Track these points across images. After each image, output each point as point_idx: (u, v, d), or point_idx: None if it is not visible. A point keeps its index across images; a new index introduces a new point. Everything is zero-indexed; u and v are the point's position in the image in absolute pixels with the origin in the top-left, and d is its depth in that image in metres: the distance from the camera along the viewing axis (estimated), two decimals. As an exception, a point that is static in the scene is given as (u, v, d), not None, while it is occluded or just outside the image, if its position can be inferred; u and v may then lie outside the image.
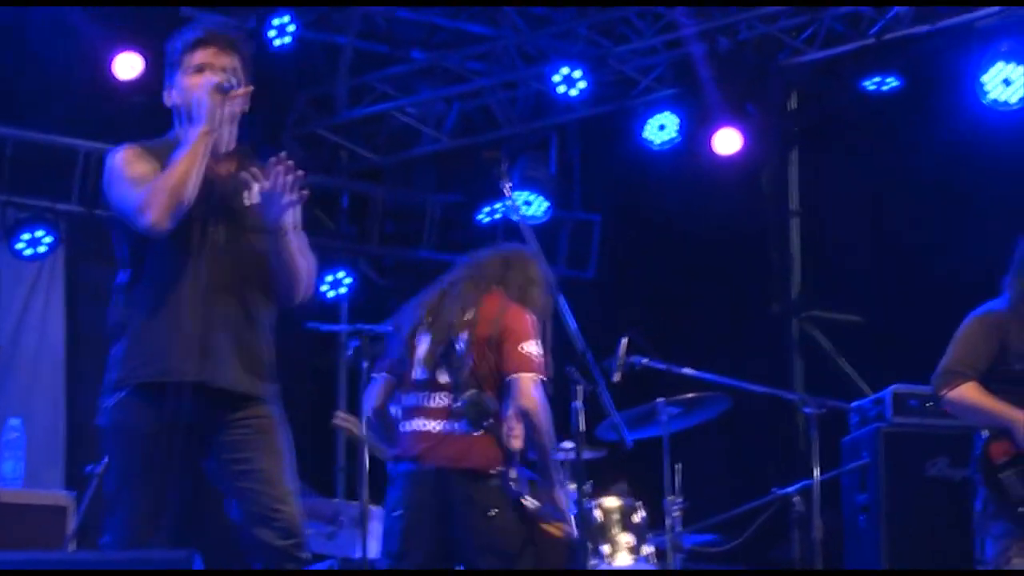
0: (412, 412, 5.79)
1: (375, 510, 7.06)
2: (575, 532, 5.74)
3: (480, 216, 10.91)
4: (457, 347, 5.75)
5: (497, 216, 10.85)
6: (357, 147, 10.82)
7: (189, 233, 4.92)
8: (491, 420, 5.28)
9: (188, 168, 4.87)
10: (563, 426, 5.73)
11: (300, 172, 4.96)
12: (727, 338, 10.99)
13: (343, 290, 10.66)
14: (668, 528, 7.48)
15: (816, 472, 7.55)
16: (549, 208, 10.57)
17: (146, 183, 4.89)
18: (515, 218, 6.60)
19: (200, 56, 5.09)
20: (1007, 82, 8.92)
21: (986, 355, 6.07)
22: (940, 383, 6.11)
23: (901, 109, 9.89)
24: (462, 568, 5.70)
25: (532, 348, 5.74)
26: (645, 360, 7.56)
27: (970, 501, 6.19)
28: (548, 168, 10.70)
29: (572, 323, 5.50)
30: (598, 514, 6.71)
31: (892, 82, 9.65)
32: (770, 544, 8.52)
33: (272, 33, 9.80)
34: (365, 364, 6.98)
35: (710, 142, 9.95)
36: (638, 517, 7.04)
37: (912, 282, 10.17)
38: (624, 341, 7.57)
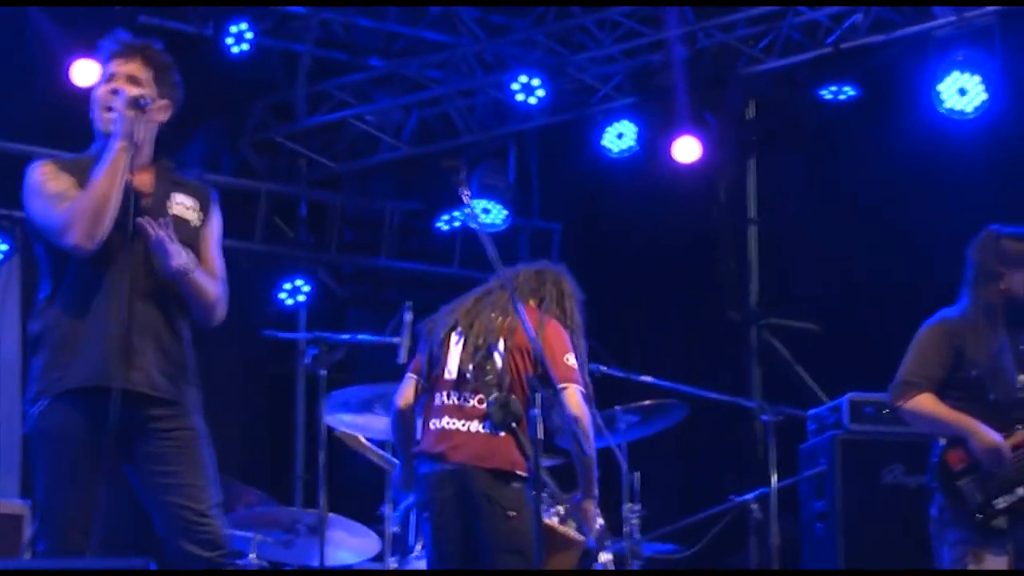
0: (441, 411, 5.83)
1: (333, 518, 7.05)
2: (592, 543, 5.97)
3: (439, 224, 10.91)
4: (493, 352, 5.79)
5: (456, 224, 10.86)
6: (315, 155, 10.80)
7: (110, 244, 4.94)
8: (516, 424, 5.32)
9: (108, 188, 4.90)
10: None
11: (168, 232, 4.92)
12: (685, 346, 11.02)
13: (301, 298, 10.63)
14: (626, 535, 7.49)
15: (774, 479, 7.59)
16: (508, 216, 10.57)
17: (66, 201, 4.93)
18: (474, 226, 6.62)
19: (112, 67, 5.11)
20: (962, 92, 8.97)
21: (941, 364, 6.09)
22: (896, 394, 6.15)
23: (858, 118, 9.94)
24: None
25: (573, 361, 5.86)
26: (603, 368, 7.58)
27: (926, 508, 6.21)
28: (507, 176, 10.71)
29: (530, 331, 5.51)
30: (556, 521, 6.71)
31: (849, 91, 9.71)
32: (728, 551, 8.54)
33: (230, 40, 9.78)
34: (323, 372, 7.00)
35: (668, 150, 9.96)
36: (598, 524, 7.03)
37: (869, 290, 10.22)
38: (583, 349, 7.59)
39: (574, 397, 5.78)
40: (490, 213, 10.48)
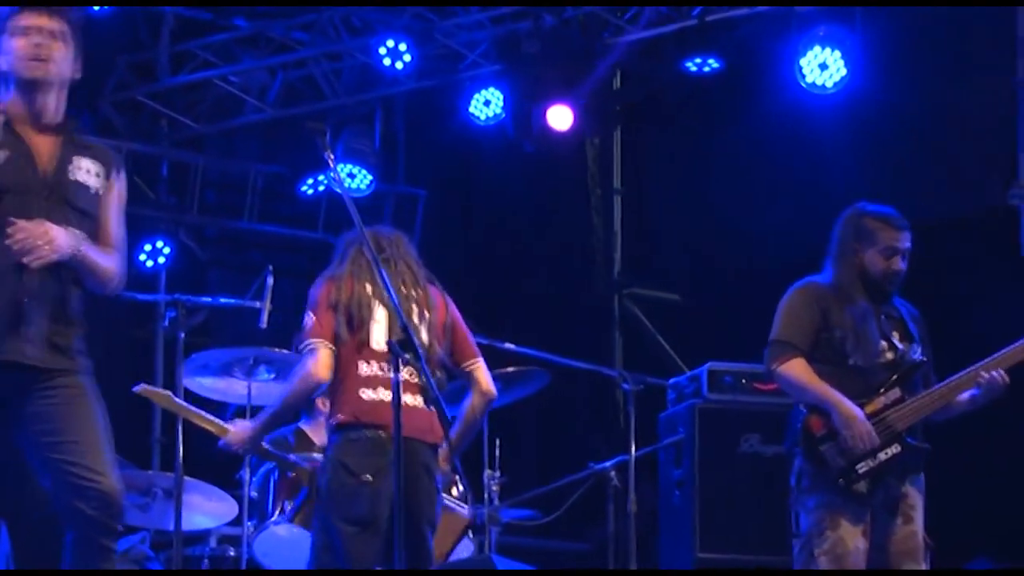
0: (373, 381, 5.68)
1: (190, 482, 6.99)
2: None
3: (303, 188, 10.83)
4: (419, 325, 5.73)
5: (320, 188, 10.78)
6: (178, 115, 10.66)
7: (5, 207, 4.84)
8: (440, 401, 5.30)
9: None
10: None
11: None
12: (549, 314, 11.07)
13: (162, 259, 10.50)
14: (486, 502, 7.53)
15: (632, 447, 7.66)
16: (373, 181, 10.53)
17: None
18: (338, 190, 6.57)
19: (25, 19, 5.00)
20: (823, 66, 9.08)
21: (811, 325, 6.18)
22: (772, 355, 6.20)
23: (722, 90, 10.02)
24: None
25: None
26: (466, 334, 7.58)
27: (782, 477, 6.30)
28: (372, 141, 10.66)
29: (393, 297, 5.48)
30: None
31: (713, 63, 9.78)
32: (587, 518, 8.61)
33: (92, -4, 9.61)
34: (182, 335, 6.92)
35: (535, 118, 9.96)
36: (456, 491, 7.05)
37: (730, 261, 10.33)
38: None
39: (486, 374, 5.86)
40: (355, 178, 10.43)
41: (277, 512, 6.87)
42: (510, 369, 7.56)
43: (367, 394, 5.66)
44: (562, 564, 9.60)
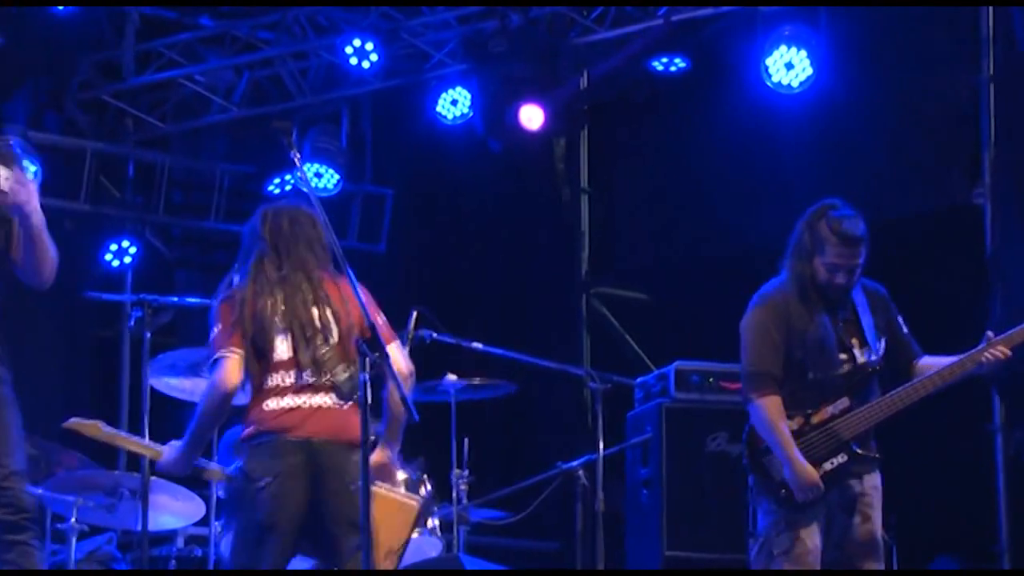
0: (279, 391, 5.65)
1: (157, 482, 6.97)
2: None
3: (270, 187, 10.80)
4: (318, 324, 5.69)
5: (288, 188, 10.76)
6: (144, 114, 10.63)
7: None
8: (359, 393, 5.27)
9: None
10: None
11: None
12: (517, 313, 11.08)
13: (128, 259, 10.46)
14: (454, 501, 7.53)
15: (600, 446, 7.66)
16: (340, 181, 10.52)
17: None
18: (305, 190, 6.55)
19: None
20: (789, 66, 9.11)
21: (781, 347, 6.15)
22: (752, 386, 6.14)
23: (688, 90, 10.05)
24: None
25: (383, 316, 5.78)
26: (434, 334, 7.59)
27: (746, 476, 6.32)
28: (339, 140, 10.64)
29: (360, 297, 5.49)
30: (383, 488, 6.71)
31: (679, 63, 9.80)
32: (555, 517, 8.62)
33: (57, -5, 9.57)
34: (148, 334, 6.90)
35: (502, 118, 9.96)
36: (424, 490, 7.06)
37: (697, 261, 10.36)
38: (414, 315, 7.60)
39: (400, 354, 5.76)
40: (322, 177, 10.41)
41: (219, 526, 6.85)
42: (476, 381, 7.57)
43: (270, 404, 5.65)
44: (530, 563, 9.61)
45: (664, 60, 9.76)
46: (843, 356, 6.14)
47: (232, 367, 5.63)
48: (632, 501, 8.69)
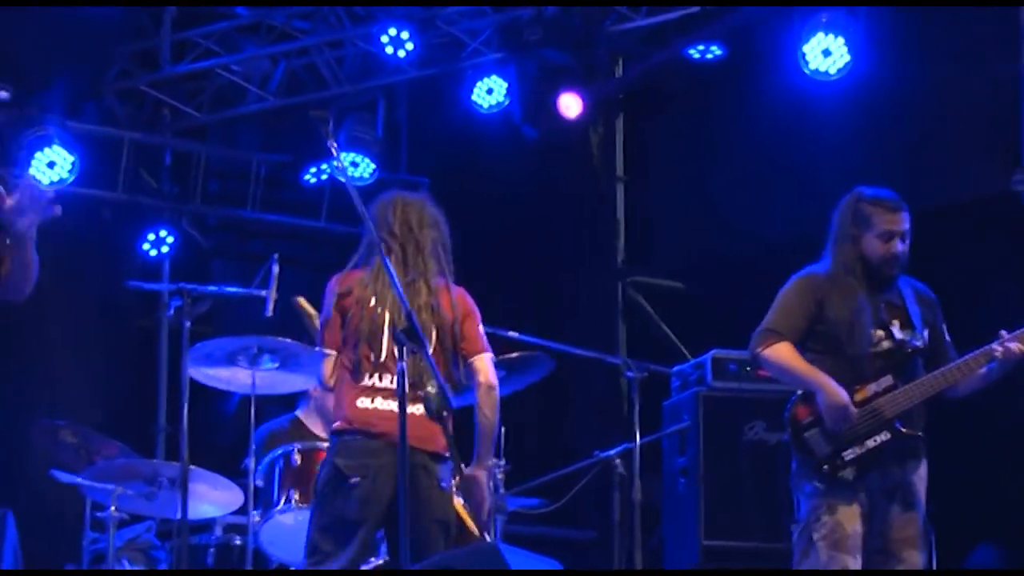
0: (371, 392, 5.79)
1: (196, 471, 7.00)
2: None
3: (306, 176, 10.82)
4: (416, 328, 5.74)
5: (323, 177, 10.78)
6: (180, 104, 10.65)
7: None
8: (447, 412, 5.36)
9: None
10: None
11: (48, 192, 4.88)
12: (552, 302, 11.07)
13: (165, 249, 10.49)
14: (491, 490, 7.52)
15: (637, 435, 7.66)
16: (376, 170, 10.51)
17: None
18: (342, 179, 6.57)
19: None
20: (827, 53, 9.08)
21: (803, 315, 6.22)
22: (756, 342, 6.27)
23: (724, 77, 10.02)
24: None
25: (481, 327, 5.96)
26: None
27: (785, 463, 6.32)
28: (375, 129, 10.64)
29: (397, 286, 5.50)
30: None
31: (716, 50, 9.76)
32: (592, 506, 8.62)
33: (94, -14, 9.59)
34: (187, 323, 6.92)
35: (538, 106, 9.95)
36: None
37: (733, 249, 10.33)
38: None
39: (489, 367, 5.91)
40: (358, 167, 10.42)
41: (283, 501, 6.88)
42: (514, 355, 7.56)
43: (364, 403, 5.78)
44: (567, 552, 9.60)
45: (700, 48, 9.72)
46: (879, 333, 6.16)
47: (327, 366, 5.91)
48: (669, 490, 8.68)
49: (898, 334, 6.18)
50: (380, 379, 5.82)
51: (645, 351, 9.70)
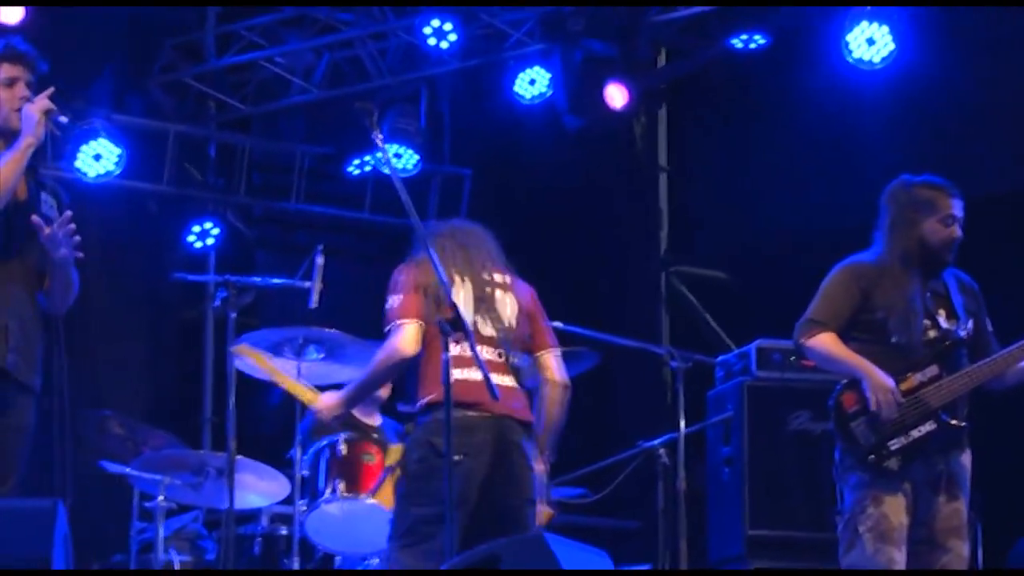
0: (461, 361, 5.68)
1: (242, 461, 7.05)
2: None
3: (350, 168, 10.85)
4: (502, 306, 5.86)
5: (367, 168, 10.81)
6: (225, 96, 10.70)
7: None
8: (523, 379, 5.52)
9: (11, 171, 5.36)
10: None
11: (72, 227, 5.36)
12: (596, 293, 11.07)
13: (210, 240, 10.55)
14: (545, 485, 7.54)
15: (682, 425, 7.66)
16: (419, 161, 10.54)
17: None
18: (386, 171, 6.60)
19: (7, 71, 5.53)
20: (871, 42, 9.05)
21: (847, 304, 6.20)
22: (800, 332, 6.26)
23: (767, 66, 9.99)
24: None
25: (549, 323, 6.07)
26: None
27: (830, 453, 6.31)
28: (418, 121, 10.66)
29: (443, 276, 5.53)
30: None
31: (759, 40, 9.75)
32: (636, 496, 8.63)
33: (139, -22, 9.65)
34: (233, 314, 6.97)
35: (582, 97, 9.95)
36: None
37: (777, 239, 10.31)
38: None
39: (555, 360, 5.97)
40: (401, 158, 10.44)
41: (328, 490, 6.92)
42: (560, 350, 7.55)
43: (455, 373, 5.62)
44: (611, 542, 9.61)
45: (744, 37, 9.70)
46: (927, 322, 6.14)
47: (410, 335, 5.73)
48: (714, 480, 8.68)
49: (944, 324, 6.17)
50: (466, 350, 5.66)
51: (689, 341, 9.69)
